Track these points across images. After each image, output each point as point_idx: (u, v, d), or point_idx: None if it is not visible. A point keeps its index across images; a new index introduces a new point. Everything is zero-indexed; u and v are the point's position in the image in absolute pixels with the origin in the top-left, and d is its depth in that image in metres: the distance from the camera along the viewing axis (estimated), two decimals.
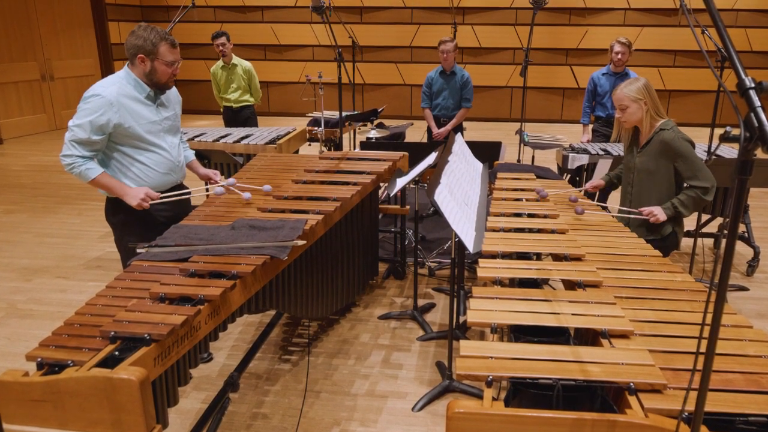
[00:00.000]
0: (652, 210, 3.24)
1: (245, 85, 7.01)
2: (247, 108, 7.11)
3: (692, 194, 3.21)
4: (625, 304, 2.24)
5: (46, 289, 4.65)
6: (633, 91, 3.27)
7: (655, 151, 3.30)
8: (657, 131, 3.30)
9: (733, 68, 1.28)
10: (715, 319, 1.29)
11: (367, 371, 3.54)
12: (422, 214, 6.26)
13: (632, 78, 3.37)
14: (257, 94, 7.16)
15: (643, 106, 3.27)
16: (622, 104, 3.32)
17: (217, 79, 7.00)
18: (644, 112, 3.28)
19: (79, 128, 2.93)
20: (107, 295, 2.21)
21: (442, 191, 2.86)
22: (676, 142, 3.21)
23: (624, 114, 3.33)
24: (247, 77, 7.00)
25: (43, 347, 1.88)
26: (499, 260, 2.64)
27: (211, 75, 7.06)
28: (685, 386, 1.69)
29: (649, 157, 3.33)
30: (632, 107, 3.29)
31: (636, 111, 3.29)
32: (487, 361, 1.82)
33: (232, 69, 6.90)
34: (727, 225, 1.22)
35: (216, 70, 6.97)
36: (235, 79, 6.93)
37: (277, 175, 3.84)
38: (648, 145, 3.34)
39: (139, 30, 3.04)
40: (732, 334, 2.02)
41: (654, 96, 3.29)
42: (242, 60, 6.99)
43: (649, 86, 3.29)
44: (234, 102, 7.02)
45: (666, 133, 3.25)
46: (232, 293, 2.29)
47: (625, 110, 3.32)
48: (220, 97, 7.11)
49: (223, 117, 7.23)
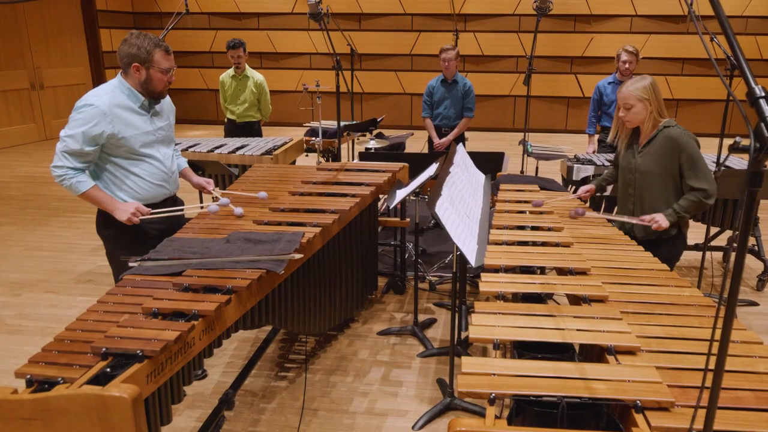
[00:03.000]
0: (654, 217, 3.24)
1: (254, 100, 6.69)
2: (250, 125, 6.80)
3: (693, 198, 3.22)
4: (632, 319, 2.24)
5: (35, 304, 4.65)
6: (639, 89, 3.28)
7: (659, 150, 3.31)
8: (660, 129, 3.32)
9: (742, 77, 1.29)
10: (724, 334, 1.29)
11: (366, 388, 3.53)
12: (423, 226, 6.26)
13: (639, 77, 3.37)
14: (267, 109, 6.85)
15: (648, 106, 3.29)
16: (627, 103, 3.32)
17: (225, 88, 6.71)
18: (648, 112, 3.31)
19: (71, 139, 2.94)
20: (98, 310, 2.22)
21: (444, 203, 2.87)
22: (683, 138, 3.23)
23: (628, 113, 3.34)
24: (258, 91, 6.68)
25: (33, 364, 1.89)
26: (501, 274, 2.64)
27: (220, 83, 6.77)
28: (693, 404, 1.70)
29: (652, 156, 3.34)
30: (637, 106, 3.30)
31: (641, 111, 3.31)
32: (489, 378, 1.82)
33: (243, 80, 6.63)
34: (737, 238, 1.23)
35: (226, 78, 6.69)
36: (245, 91, 6.64)
37: (273, 187, 3.85)
38: (650, 145, 3.35)
39: (132, 38, 3.06)
40: (742, 351, 2.02)
41: (659, 96, 3.31)
42: (255, 72, 6.72)
43: (655, 85, 3.30)
44: (238, 116, 6.74)
45: (672, 130, 3.27)
46: (227, 308, 2.30)
47: (630, 109, 3.33)
48: (225, 107, 6.83)
49: (225, 129, 6.96)
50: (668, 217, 3.23)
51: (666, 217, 3.23)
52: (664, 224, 3.22)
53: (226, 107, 6.82)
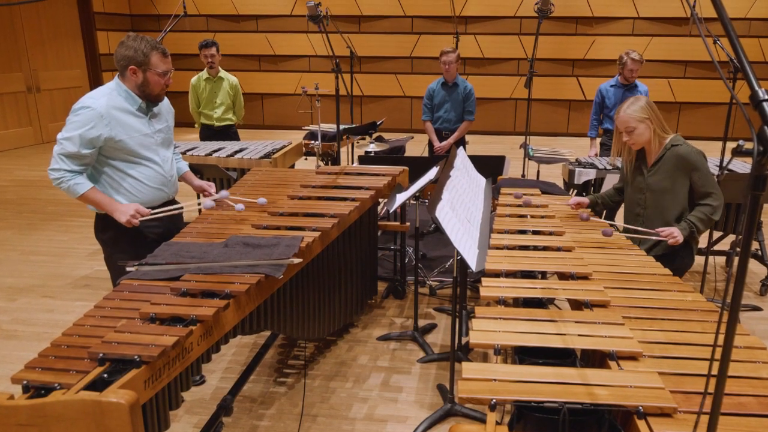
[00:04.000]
0: (671, 231, 3.23)
1: (230, 103, 6.61)
2: (229, 128, 6.71)
3: (705, 211, 3.26)
4: (634, 324, 2.25)
5: (32, 309, 4.65)
6: (637, 111, 3.29)
7: (669, 168, 3.32)
8: (668, 147, 3.33)
9: (746, 79, 1.29)
10: (727, 340, 1.29)
11: (366, 394, 3.53)
12: (423, 231, 6.27)
13: (630, 98, 3.38)
14: (241, 111, 6.78)
15: (650, 124, 3.30)
16: (628, 127, 3.33)
17: (198, 92, 6.56)
18: (651, 131, 3.32)
19: (68, 141, 2.95)
20: (96, 315, 2.22)
21: (444, 207, 2.88)
22: (693, 156, 3.26)
23: (632, 136, 3.35)
24: (233, 93, 6.61)
25: (29, 369, 1.89)
26: (502, 279, 2.65)
27: (191, 87, 6.57)
28: (696, 410, 1.70)
29: (663, 175, 3.35)
30: (640, 128, 3.31)
31: (644, 131, 3.32)
32: (490, 384, 1.82)
33: (218, 83, 6.51)
34: (740, 242, 1.23)
35: (198, 81, 6.55)
36: (220, 94, 6.53)
37: (272, 191, 3.86)
38: (660, 163, 3.36)
39: (129, 40, 3.07)
40: (745, 356, 2.02)
41: (658, 113, 3.33)
42: (229, 74, 6.64)
43: (651, 104, 3.33)
44: (216, 120, 6.59)
45: (680, 148, 3.29)
46: (226, 313, 2.30)
47: (633, 132, 3.33)
48: (198, 113, 6.66)
49: (200, 136, 6.78)
50: (683, 231, 3.24)
51: (681, 231, 3.24)
52: (680, 238, 3.23)
53: (201, 112, 6.66)
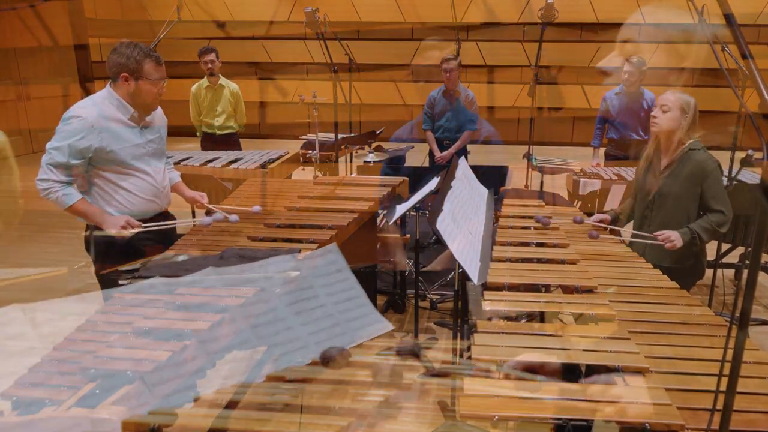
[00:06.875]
0: (669, 235, 3.25)
1: (231, 110, 6.70)
2: (231, 136, 6.81)
3: (712, 220, 3.27)
4: (640, 339, 2.24)
5: (22, 323, 4.64)
6: (683, 99, 3.32)
7: (684, 173, 3.34)
8: (686, 150, 3.35)
9: (755, 88, 1.30)
10: (736, 355, 1.30)
11: (365, 411, 3.52)
12: (423, 243, 6.27)
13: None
14: (242, 119, 6.86)
15: (684, 119, 3.32)
16: (666, 105, 3.35)
17: (199, 101, 6.67)
18: (679, 124, 3.33)
19: (57, 151, 2.95)
20: (87, 330, 2.22)
21: (445, 219, 2.88)
22: (709, 164, 3.29)
23: (663, 117, 3.36)
24: (234, 101, 6.70)
25: (19, 385, 1.89)
26: (505, 292, 2.65)
27: (191, 95, 6.70)
28: (704, 427, 1.70)
29: (676, 179, 3.37)
30: (675, 113, 3.33)
31: (675, 118, 3.33)
32: (492, 400, 1.82)
33: (219, 90, 6.61)
34: (749, 255, 1.24)
35: (199, 90, 6.65)
36: (221, 102, 6.62)
37: (268, 202, 3.86)
38: (674, 166, 3.38)
39: (122, 47, 3.08)
40: (754, 371, 2.02)
41: (697, 117, 3.36)
42: (230, 81, 6.72)
43: (696, 106, 3.35)
44: (218, 128, 6.71)
45: (698, 154, 3.32)
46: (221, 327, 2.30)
47: (667, 113, 3.35)
48: (200, 121, 6.76)
49: (202, 144, 6.91)
50: (683, 236, 3.25)
51: (681, 236, 3.25)
52: (678, 243, 3.24)
53: (203, 120, 6.74)
